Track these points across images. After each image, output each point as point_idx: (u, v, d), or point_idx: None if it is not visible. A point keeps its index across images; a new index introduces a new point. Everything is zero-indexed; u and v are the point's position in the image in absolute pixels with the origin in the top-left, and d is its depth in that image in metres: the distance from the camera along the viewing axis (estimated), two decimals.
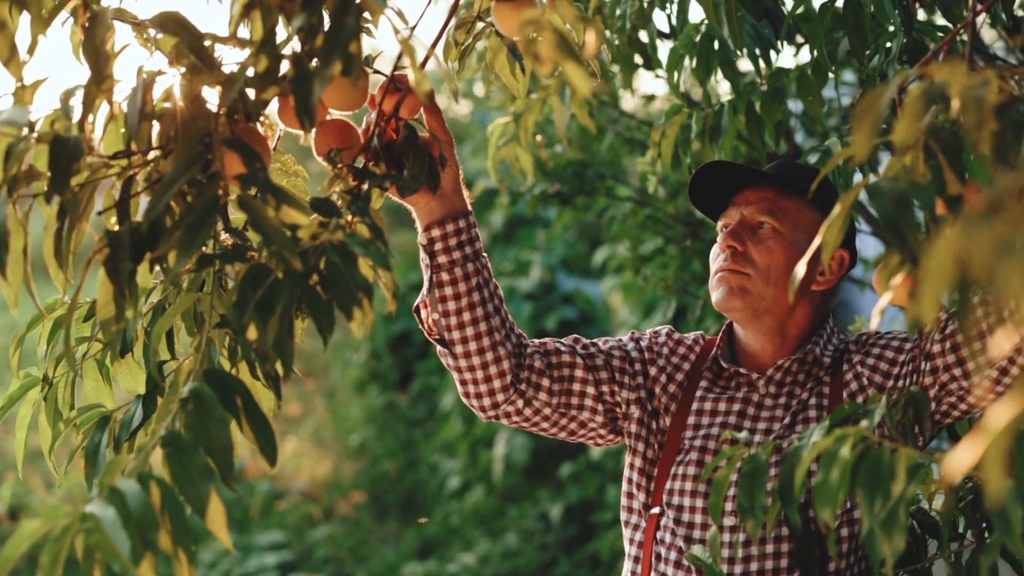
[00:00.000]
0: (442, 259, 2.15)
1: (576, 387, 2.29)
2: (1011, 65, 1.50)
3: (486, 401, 2.26)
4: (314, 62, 1.52)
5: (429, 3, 1.73)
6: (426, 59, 1.66)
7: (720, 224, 2.33)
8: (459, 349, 2.20)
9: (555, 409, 2.28)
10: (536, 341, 2.31)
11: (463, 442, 8.91)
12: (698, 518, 2.18)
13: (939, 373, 2.07)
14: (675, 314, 4.52)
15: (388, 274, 1.53)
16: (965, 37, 1.96)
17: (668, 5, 2.58)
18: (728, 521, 2.13)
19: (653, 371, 2.32)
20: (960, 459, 1.06)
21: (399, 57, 1.68)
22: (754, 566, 2.11)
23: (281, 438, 10.01)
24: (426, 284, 2.19)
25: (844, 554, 2.12)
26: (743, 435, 1.80)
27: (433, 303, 2.19)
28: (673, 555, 2.18)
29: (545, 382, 2.26)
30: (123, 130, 1.62)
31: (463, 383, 2.25)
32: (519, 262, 8.85)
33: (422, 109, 2.03)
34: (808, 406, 2.21)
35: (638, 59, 2.94)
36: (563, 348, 2.31)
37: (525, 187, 4.58)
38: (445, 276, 2.16)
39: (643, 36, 2.85)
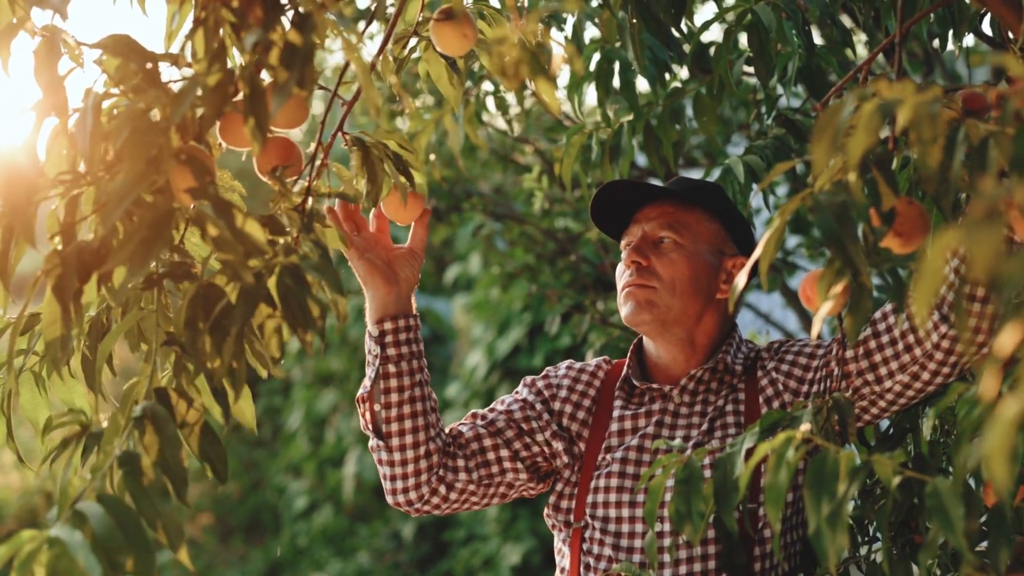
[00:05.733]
0: (391, 351, 2.27)
1: (490, 456, 2.36)
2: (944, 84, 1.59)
3: (412, 495, 2.31)
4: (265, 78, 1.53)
5: (370, 21, 1.74)
6: (373, 65, 1.67)
7: (623, 242, 2.38)
8: (395, 442, 2.28)
9: (479, 484, 2.35)
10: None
11: (310, 462, 8.84)
12: (624, 527, 2.23)
13: (852, 378, 2.16)
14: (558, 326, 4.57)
15: (342, 299, 1.54)
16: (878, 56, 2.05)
17: (563, 27, 2.63)
18: (657, 526, 2.18)
19: (556, 405, 2.39)
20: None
21: (342, 73, 1.69)
22: (683, 569, 2.17)
23: None
24: (371, 375, 2.28)
25: (768, 554, 2.19)
26: (677, 442, 1.86)
27: (377, 394, 2.28)
28: (603, 564, 2.23)
29: (460, 462, 2.33)
30: (64, 151, 1.60)
31: (392, 479, 2.31)
32: None
33: (414, 224, 2.29)
34: (725, 412, 2.28)
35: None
36: (465, 428, 2.38)
37: None
38: (392, 368, 2.27)
39: None
